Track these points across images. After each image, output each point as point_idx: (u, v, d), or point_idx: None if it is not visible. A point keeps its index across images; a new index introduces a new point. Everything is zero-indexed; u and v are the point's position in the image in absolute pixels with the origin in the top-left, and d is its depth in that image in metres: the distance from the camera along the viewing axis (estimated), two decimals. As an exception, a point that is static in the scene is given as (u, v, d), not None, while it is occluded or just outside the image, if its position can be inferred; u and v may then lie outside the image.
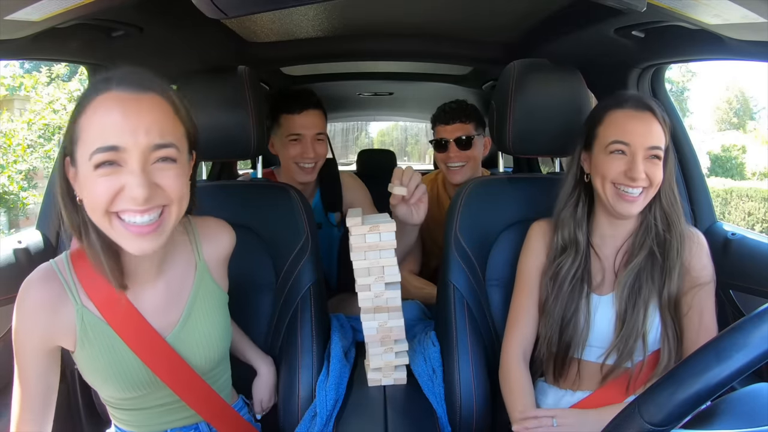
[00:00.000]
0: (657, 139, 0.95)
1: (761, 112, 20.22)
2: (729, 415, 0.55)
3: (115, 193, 0.68)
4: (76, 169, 0.71)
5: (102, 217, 0.70)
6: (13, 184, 5.49)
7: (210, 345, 0.88)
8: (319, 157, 1.54)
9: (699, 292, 0.97)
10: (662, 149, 0.95)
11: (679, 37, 1.04)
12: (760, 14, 0.75)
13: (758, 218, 8.85)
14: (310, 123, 1.52)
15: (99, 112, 0.68)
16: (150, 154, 0.69)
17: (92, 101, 0.68)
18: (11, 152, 5.66)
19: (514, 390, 1.03)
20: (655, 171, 0.95)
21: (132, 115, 0.67)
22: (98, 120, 0.67)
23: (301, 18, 1.44)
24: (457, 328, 1.16)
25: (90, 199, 0.70)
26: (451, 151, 1.65)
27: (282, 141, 1.54)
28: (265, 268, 1.20)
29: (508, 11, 1.37)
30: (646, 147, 0.94)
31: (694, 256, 0.99)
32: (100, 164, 0.67)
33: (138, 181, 0.67)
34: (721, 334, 0.52)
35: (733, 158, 13.31)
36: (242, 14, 1.10)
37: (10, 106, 6.40)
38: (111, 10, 0.96)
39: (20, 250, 1.09)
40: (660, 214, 0.98)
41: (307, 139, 1.52)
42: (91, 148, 0.67)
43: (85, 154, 0.68)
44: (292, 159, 1.53)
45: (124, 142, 0.67)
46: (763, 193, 8.96)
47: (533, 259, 1.08)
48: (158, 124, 0.69)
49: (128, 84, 0.69)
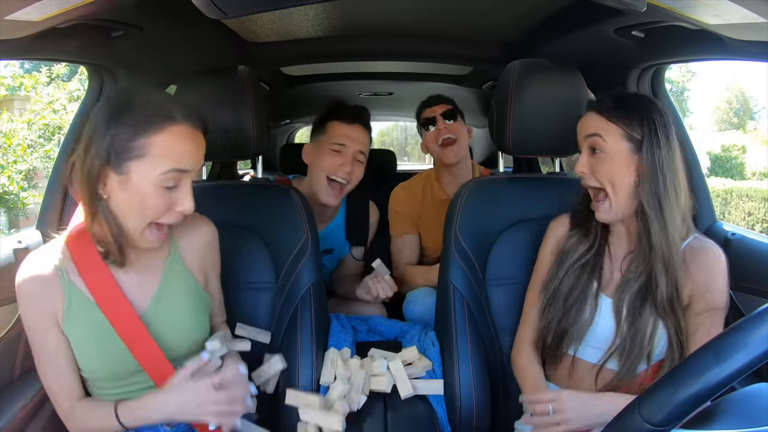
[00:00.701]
0: (590, 129, 0.95)
1: (761, 112, 20.25)
2: (729, 415, 0.55)
3: (168, 207, 0.84)
4: (122, 177, 0.80)
5: (144, 224, 0.84)
6: (13, 184, 5.49)
7: (182, 329, 0.94)
8: (353, 177, 1.48)
9: (712, 316, 0.92)
10: (599, 136, 0.93)
11: (679, 37, 1.04)
12: (760, 14, 0.75)
13: (758, 218, 8.85)
14: (358, 137, 1.48)
15: (176, 139, 0.82)
16: (196, 175, 0.87)
17: (163, 129, 0.80)
18: (11, 152, 5.66)
19: (521, 374, 1.06)
20: (599, 167, 0.94)
21: (199, 147, 0.86)
22: (172, 146, 0.81)
23: (301, 18, 1.44)
24: (457, 328, 1.16)
25: (142, 209, 0.82)
26: (439, 124, 1.68)
27: (322, 149, 1.48)
28: (265, 268, 1.20)
29: (508, 11, 1.37)
30: (583, 135, 0.96)
31: (705, 274, 0.92)
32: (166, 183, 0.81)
33: (191, 198, 0.85)
34: (721, 334, 0.52)
35: (733, 158, 13.32)
36: (242, 14, 1.10)
37: (10, 106, 6.40)
38: (111, 10, 0.96)
39: (20, 250, 1.09)
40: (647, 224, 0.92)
41: (349, 153, 1.46)
42: (164, 167, 0.80)
43: (151, 170, 0.80)
44: (326, 170, 1.46)
45: (191, 167, 0.84)
46: (763, 193, 8.96)
47: (549, 252, 1.07)
48: (203, 154, 0.88)
49: (193, 121, 0.84)
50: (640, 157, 0.91)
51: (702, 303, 0.92)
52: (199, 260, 0.99)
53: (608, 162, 0.93)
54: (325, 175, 1.46)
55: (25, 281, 0.86)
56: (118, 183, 0.81)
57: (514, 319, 1.16)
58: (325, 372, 1.14)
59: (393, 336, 1.42)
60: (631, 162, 0.92)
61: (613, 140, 0.93)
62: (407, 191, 1.78)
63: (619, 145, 0.92)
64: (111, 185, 0.81)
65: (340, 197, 1.51)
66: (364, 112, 1.52)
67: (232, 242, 1.19)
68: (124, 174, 0.80)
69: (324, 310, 1.29)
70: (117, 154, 0.79)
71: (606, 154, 0.93)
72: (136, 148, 0.79)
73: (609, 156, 0.93)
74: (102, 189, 0.82)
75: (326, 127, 1.51)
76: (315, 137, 1.54)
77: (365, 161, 1.52)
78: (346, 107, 1.53)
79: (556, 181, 1.28)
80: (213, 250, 1.02)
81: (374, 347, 1.28)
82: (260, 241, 1.21)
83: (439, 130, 1.67)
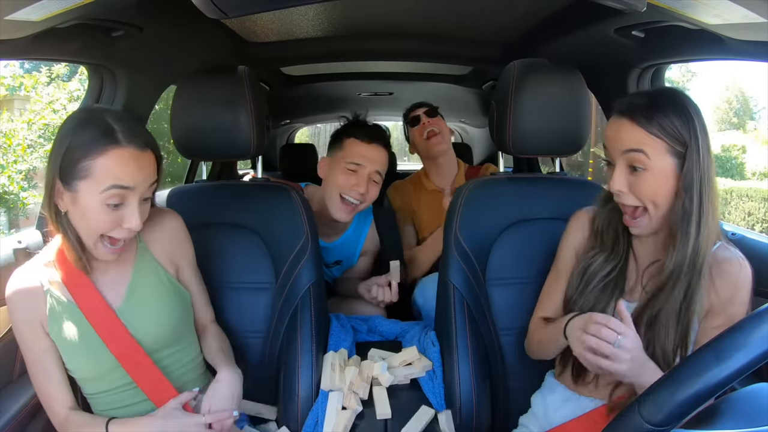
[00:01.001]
0: (629, 144, 0.85)
1: (761, 112, 20.23)
2: (729, 415, 0.55)
3: (116, 223, 0.88)
4: (73, 194, 0.86)
5: (95, 238, 0.89)
6: (13, 184, 5.49)
7: (157, 320, 0.98)
8: (367, 198, 1.44)
9: None
10: (641, 152, 0.84)
11: (679, 37, 1.04)
12: (760, 14, 0.75)
13: (758, 218, 8.84)
14: (375, 157, 1.44)
15: (118, 161, 0.85)
16: (144, 193, 0.90)
17: (105, 152, 0.84)
18: (11, 152, 5.65)
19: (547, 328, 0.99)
20: (640, 186, 0.85)
21: (142, 167, 0.88)
22: (114, 168, 0.85)
23: (301, 18, 1.44)
24: (457, 328, 1.16)
25: (89, 224, 0.87)
26: (423, 119, 1.86)
27: (337, 166, 1.45)
28: (265, 268, 1.20)
29: (508, 11, 1.37)
30: (621, 150, 0.86)
31: (730, 286, 0.87)
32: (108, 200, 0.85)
33: (137, 216, 0.88)
34: (721, 334, 0.52)
35: (733, 158, 13.31)
36: (242, 14, 1.09)
37: (10, 106, 6.39)
38: (111, 10, 0.96)
39: (20, 250, 1.09)
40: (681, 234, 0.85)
41: (365, 173, 1.43)
42: (105, 185, 0.84)
43: (95, 188, 0.85)
44: (340, 188, 1.42)
45: (134, 184, 0.87)
46: (763, 193, 8.95)
47: (570, 246, 1.03)
48: (152, 176, 0.90)
49: (136, 144, 0.87)
50: (683, 171, 0.83)
51: (722, 317, 0.86)
52: (167, 253, 1.03)
53: (650, 180, 0.84)
54: (338, 192, 1.43)
55: (12, 293, 0.92)
56: (70, 199, 0.87)
57: (514, 319, 1.16)
58: (325, 377, 1.14)
59: (393, 336, 1.42)
60: (673, 176, 0.84)
61: (657, 156, 0.83)
62: (401, 186, 1.94)
63: (663, 162, 0.83)
64: (66, 200, 0.87)
65: (352, 215, 1.47)
66: (383, 132, 1.50)
67: (232, 242, 1.20)
68: (75, 191, 0.86)
69: (324, 310, 1.29)
70: (67, 174, 0.85)
71: (648, 172, 0.84)
72: (82, 169, 0.85)
73: (651, 173, 0.84)
74: (60, 203, 0.88)
75: (343, 144, 1.47)
76: (331, 152, 1.51)
77: (381, 181, 1.48)
78: (365, 125, 1.49)
79: (556, 181, 1.28)
80: (180, 240, 1.05)
81: (374, 347, 1.28)
82: (260, 241, 1.21)
83: (424, 124, 1.85)
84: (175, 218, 1.05)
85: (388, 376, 1.15)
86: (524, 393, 1.14)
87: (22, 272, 0.94)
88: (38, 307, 0.92)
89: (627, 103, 0.87)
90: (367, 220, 1.63)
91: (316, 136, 6.45)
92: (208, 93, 1.21)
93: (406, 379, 1.18)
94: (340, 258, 1.63)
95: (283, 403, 1.14)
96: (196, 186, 1.37)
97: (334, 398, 1.09)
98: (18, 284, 0.93)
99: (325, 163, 1.51)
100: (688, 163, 0.83)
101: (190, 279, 1.07)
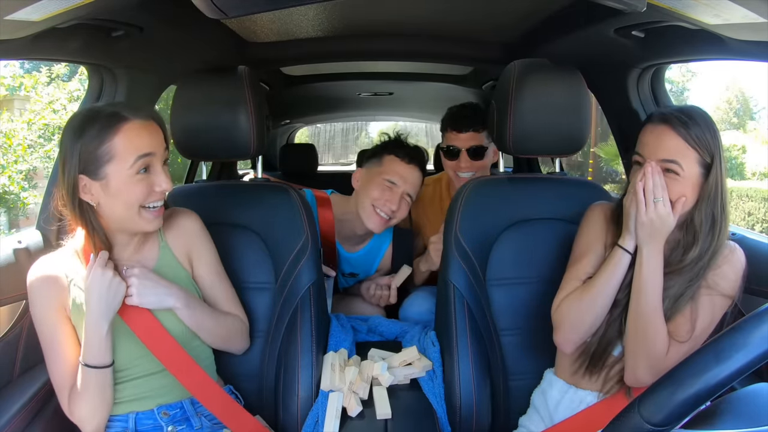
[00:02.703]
0: (671, 153, 0.93)
1: (761, 112, 20.20)
2: (729, 415, 0.55)
3: (149, 189, 0.94)
4: (102, 182, 0.91)
5: (135, 210, 0.94)
6: (14, 184, 5.49)
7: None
8: (397, 215, 1.47)
9: (714, 298, 0.95)
10: (678, 164, 0.93)
11: (679, 37, 1.04)
12: (760, 14, 0.74)
13: (758, 218, 8.84)
14: (411, 178, 1.48)
15: (132, 133, 0.92)
16: (162, 157, 0.96)
17: (119, 130, 0.91)
18: (11, 152, 5.66)
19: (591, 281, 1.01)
20: (671, 185, 0.93)
21: (154, 134, 0.95)
22: (132, 141, 0.92)
23: (301, 18, 1.44)
24: (457, 328, 1.16)
25: (126, 200, 0.93)
26: (462, 161, 1.60)
27: (374, 179, 1.48)
28: (265, 268, 1.20)
29: (508, 11, 1.37)
30: (659, 159, 0.94)
31: (722, 268, 0.96)
32: (139, 170, 0.92)
33: (165, 177, 0.95)
34: (721, 334, 0.52)
35: (733, 158, 13.30)
36: (242, 14, 1.10)
37: (10, 106, 6.39)
38: (111, 10, 0.96)
39: (20, 250, 1.08)
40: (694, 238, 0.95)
41: (399, 192, 1.46)
42: (131, 159, 0.91)
43: (123, 166, 0.91)
44: (373, 200, 1.45)
45: (153, 149, 0.94)
46: (763, 193, 8.95)
47: (594, 233, 1.05)
48: (162, 140, 0.97)
49: (141, 115, 0.94)
50: (707, 180, 0.93)
51: (711, 283, 0.96)
52: (185, 251, 1.07)
53: (680, 184, 0.93)
54: (371, 204, 1.46)
55: (34, 280, 0.96)
56: (100, 188, 0.92)
57: (515, 319, 1.16)
58: (325, 378, 1.14)
59: (393, 336, 1.42)
60: (698, 184, 0.94)
61: (690, 166, 0.93)
62: None
63: (693, 170, 0.93)
64: (95, 192, 0.92)
65: (384, 227, 1.49)
66: (422, 154, 1.52)
67: (232, 242, 1.19)
68: (103, 178, 0.91)
69: (324, 310, 1.29)
70: (90, 165, 0.91)
71: (680, 178, 0.93)
72: (103, 154, 0.90)
73: (682, 179, 0.93)
74: (89, 197, 0.92)
75: (383, 160, 1.50)
76: (369, 164, 1.53)
77: (412, 203, 1.52)
78: (407, 145, 1.52)
79: (556, 181, 1.28)
80: (196, 238, 1.08)
81: (374, 347, 1.28)
82: (260, 241, 1.21)
83: (461, 167, 1.61)
84: (192, 218, 1.10)
85: (388, 376, 1.15)
86: (524, 393, 1.14)
87: (45, 261, 0.98)
88: (61, 295, 0.96)
89: (667, 114, 0.96)
90: (388, 238, 1.64)
91: (316, 136, 6.45)
92: (208, 93, 1.21)
93: (406, 379, 1.18)
94: (357, 271, 1.63)
95: (283, 403, 1.14)
96: (196, 186, 1.38)
97: (334, 399, 1.09)
98: (41, 271, 0.97)
99: (362, 174, 1.53)
100: (714, 172, 0.93)
101: (204, 276, 1.08)
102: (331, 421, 1.05)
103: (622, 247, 0.97)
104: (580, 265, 1.04)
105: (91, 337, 0.92)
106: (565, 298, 1.02)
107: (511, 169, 2.46)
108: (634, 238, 0.96)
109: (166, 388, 1.02)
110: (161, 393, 1.02)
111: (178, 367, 1.00)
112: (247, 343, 1.14)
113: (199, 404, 1.04)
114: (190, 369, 1.01)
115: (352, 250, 1.61)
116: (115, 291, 0.93)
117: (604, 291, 0.98)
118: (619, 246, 0.98)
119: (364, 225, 1.48)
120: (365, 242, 1.62)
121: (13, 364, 1.04)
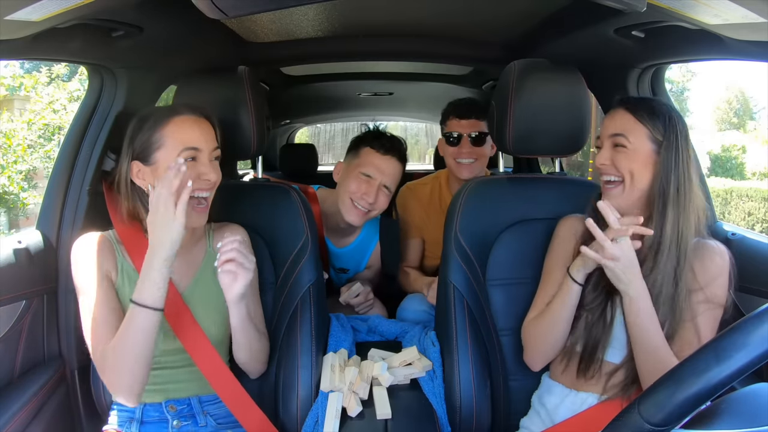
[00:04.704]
0: (618, 127, 0.99)
1: (761, 112, 20.20)
2: (729, 415, 0.55)
3: (195, 176, 0.97)
4: (153, 167, 0.98)
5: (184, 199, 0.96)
6: (13, 185, 5.49)
7: (217, 308, 1.04)
8: (376, 206, 1.48)
9: (707, 309, 0.95)
10: (624, 137, 0.98)
11: (679, 37, 1.04)
12: (760, 14, 0.75)
13: (758, 218, 8.84)
14: (389, 169, 1.48)
15: (182, 125, 1.00)
16: (211, 154, 1.02)
17: (170, 121, 0.99)
18: (11, 152, 5.66)
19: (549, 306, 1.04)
20: (620, 159, 0.98)
21: (203, 130, 1.02)
22: (180, 132, 0.99)
23: (301, 18, 1.44)
24: (457, 328, 1.16)
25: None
26: (463, 147, 1.64)
27: (351, 172, 1.49)
28: (265, 268, 1.20)
29: (508, 11, 1.37)
30: (609, 134, 1.00)
31: (708, 274, 0.97)
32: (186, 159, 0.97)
33: (211, 169, 1.01)
34: (721, 334, 0.52)
35: (733, 158, 13.31)
36: (242, 14, 1.10)
37: (10, 106, 6.39)
38: (111, 10, 0.96)
39: (20, 250, 1.09)
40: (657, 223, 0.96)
41: (376, 184, 1.47)
42: (179, 148, 0.98)
43: (171, 152, 0.98)
44: (350, 194, 1.47)
45: (201, 145, 1.00)
46: (763, 193, 8.95)
47: (561, 253, 1.07)
48: (213, 138, 1.04)
49: (193, 111, 1.02)
50: (659, 159, 0.97)
51: (702, 294, 0.96)
52: None
53: (630, 156, 0.98)
54: (349, 197, 1.48)
55: (83, 244, 1.01)
56: (150, 172, 0.99)
57: (515, 319, 1.16)
58: (325, 378, 1.14)
59: (393, 336, 1.42)
60: (649, 161, 0.97)
61: (638, 140, 0.98)
62: (413, 194, 1.79)
63: (642, 145, 0.97)
64: (147, 177, 0.99)
65: (363, 220, 1.50)
66: (400, 145, 1.51)
67: (232, 242, 1.19)
68: (153, 163, 0.98)
69: (324, 310, 1.29)
70: (143, 151, 0.99)
71: (629, 150, 0.98)
72: (155, 142, 0.99)
73: (631, 152, 0.98)
74: (141, 182, 1.00)
75: (360, 152, 1.50)
76: (348, 158, 1.54)
77: (392, 193, 1.52)
78: (384, 136, 1.51)
79: (556, 181, 1.28)
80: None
81: (374, 347, 1.28)
82: (260, 241, 1.21)
83: (462, 152, 1.64)
84: (240, 232, 1.13)
85: (388, 376, 1.15)
86: (524, 393, 1.14)
87: (91, 233, 1.03)
88: (108, 259, 1.01)
89: (625, 99, 1.03)
90: (376, 235, 1.64)
91: (316, 136, 6.45)
92: (208, 93, 1.21)
93: (406, 379, 1.18)
94: (347, 266, 1.64)
95: (283, 403, 1.14)
96: None
97: (334, 399, 1.09)
98: (89, 240, 1.01)
99: (341, 167, 1.54)
100: (665, 150, 0.96)
101: None
102: (330, 421, 1.05)
103: (571, 276, 1.00)
104: (548, 284, 1.08)
105: (148, 273, 0.91)
106: (531, 321, 1.08)
107: (511, 169, 2.46)
108: (585, 267, 0.99)
109: (178, 384, 1.04)
110: (172, 388, 1.04)
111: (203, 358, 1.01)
112: (266, 366, 1.14)
113: (206, 403, 1.06)
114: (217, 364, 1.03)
115: (341, 245, 1.61)
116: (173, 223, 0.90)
117: (560, 316, 1.02)
118: (568, 274, 1.00)
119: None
120: (353, 237, 1.62)
121: (13, 364, 1.04)
